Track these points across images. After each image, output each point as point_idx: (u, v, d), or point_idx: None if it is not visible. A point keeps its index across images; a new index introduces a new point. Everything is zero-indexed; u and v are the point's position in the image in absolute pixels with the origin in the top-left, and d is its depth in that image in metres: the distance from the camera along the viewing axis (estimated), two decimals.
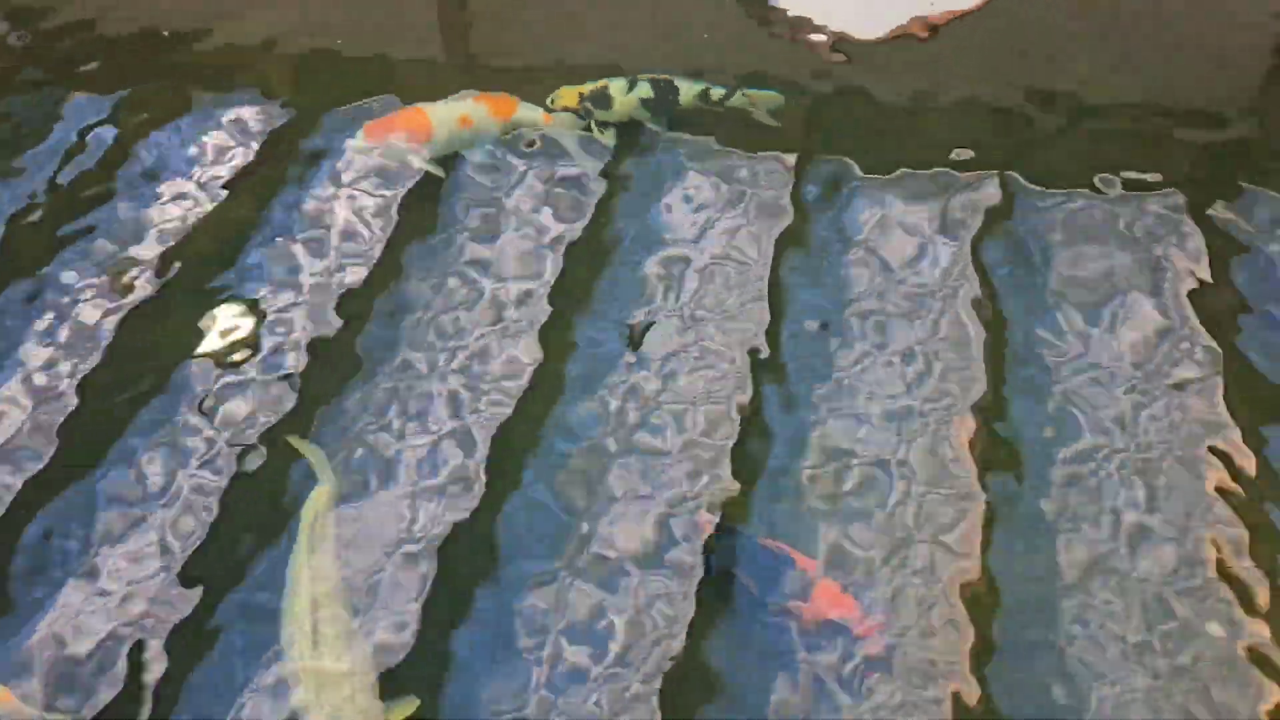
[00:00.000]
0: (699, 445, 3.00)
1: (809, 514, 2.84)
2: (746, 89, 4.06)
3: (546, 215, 3.70)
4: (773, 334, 3.28)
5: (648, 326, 3.30)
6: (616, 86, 4.01)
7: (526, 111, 4.01)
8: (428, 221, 3.71)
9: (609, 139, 3.96)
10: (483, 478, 2.95)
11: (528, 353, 3.26)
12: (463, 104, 4.01)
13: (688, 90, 4.03)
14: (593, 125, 3.98)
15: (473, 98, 4.04)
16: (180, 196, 3.84)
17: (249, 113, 4.16)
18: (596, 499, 2.89)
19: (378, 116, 3.99)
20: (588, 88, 4.01)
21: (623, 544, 2.79)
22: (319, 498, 2.82)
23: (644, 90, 4.01)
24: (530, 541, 2.83)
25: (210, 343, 3.35)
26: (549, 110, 4.00)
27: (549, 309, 3.39)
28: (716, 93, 4.04)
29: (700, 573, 2.72)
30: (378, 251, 3.61)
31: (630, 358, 3.23)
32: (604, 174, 3.84)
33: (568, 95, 4.02)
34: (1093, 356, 3.15)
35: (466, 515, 2.87)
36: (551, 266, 3.52)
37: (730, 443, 3.00)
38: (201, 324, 3.40)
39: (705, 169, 3.84)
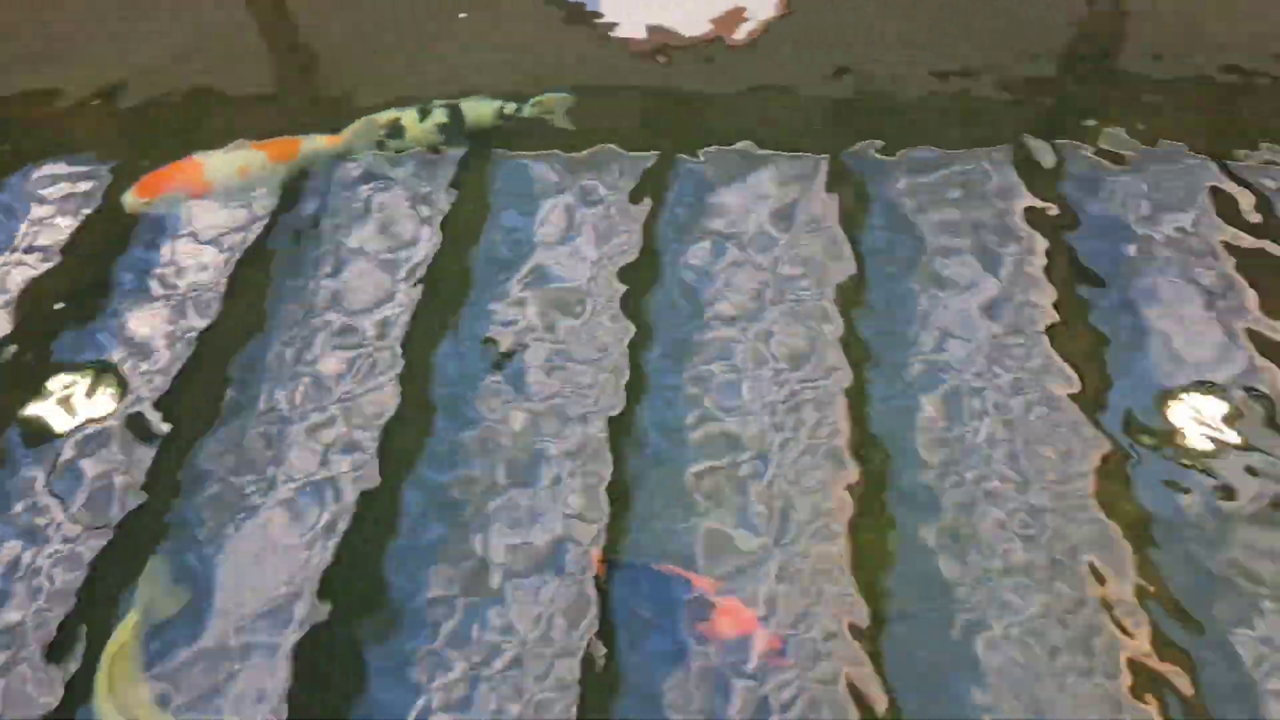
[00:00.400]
0: (579, 462, 2.95)
1: (694, 515, 2.82)
2: (537, 97, 3.99)
3: (396, 243, 3.59)
4: (641, 333, 3.26)
5: (514, 351, 3.23)
6: (408, 116, 3.87)
7: (311, 145, 3.84)
8: (274, 267, 3.55)
9: (408, 171, 3.80)
10: (358, 519, 2.86)
11: (392, 386, 3.17)
12: (241, 152, 3.82)
13: (480, 110, 3.93)
14: (388, 154, 3.84)
15: (252, 144, 3.85)
16: (10, 266, 3.59)
17: (75, 171, 3.91)
18: (479, 531, 2.82)
19: (156, 170, 3.79)
20: (383, 119, 3.86)
21: (511, 576, 2.73)
22: (126, 628, 2.61)
23: (437, 116, 3.88)
24: (416, 581, 2.74)
25: (52, 414, 3.14)
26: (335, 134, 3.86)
27: (409, 338, 3.29)
28: (509, 107, 3.95)
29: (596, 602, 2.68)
30: (222, 303, 3.44)
31: (498, 379, 3.16)
32: (447, 195, 3.75)
33: (363, 132, 3.86)
34: (956, 316, 3.25)
35: (347, 557, 2.78)
36: (407, 295, 3.41)
37: (609, 452, 2.96)
38: (42, 396, 3.19)
39: (549, 179, 3.78)
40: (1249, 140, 3.79)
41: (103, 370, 3.25)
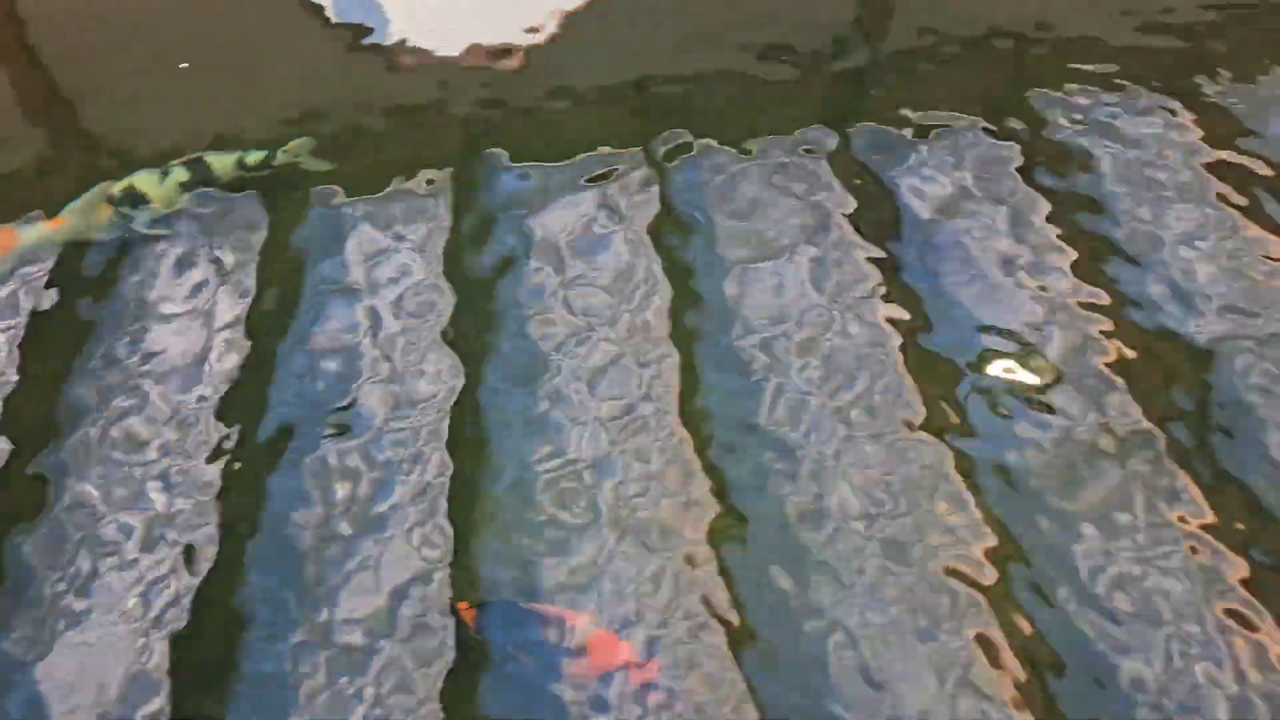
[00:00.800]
0: (423, 506, 2.80)
1: (549, 532, 2.74)
2: (284, 145, 3.74)
3: (209, 303, 3.34)
4: (476, 364, 3.13)
5: (349, 397, 3.05)
6: (146, 180, 3.56)
7: (31, 232, 3.47)
8: (72, 342, 3.24)
9: (160, 231, 3.49)
10: (192, 597, 2.65)
11: (220, 444, 2.96)
12: None
13: (223, 163, 3.65)
14: (136, 226, 3.49)
15: None
16: None
17: None
18: (327, 585, 2.65)
19: None
20: (116, 190, 3.51)
21: (365, 630, 2.58)
22: None
23: (178, 175, 3.57)
24: (266, 642, 2.57)
25: None
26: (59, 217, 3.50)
27: (234, 396, 3.08)
28: (254, 157, 3.69)
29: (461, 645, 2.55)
30: (22, 385, 3.14)
31: (334, 430, 2.97)
32: (253, 252, 3.49)
33: (92, 208, 3.51)
34: (781, 304, 3.26)
35: (188, 635, 2.59)
36: (228, 360, 3.16)
37: (449, 486, 2.83)
38: None
39: (359, 212, 3.60)
40: (1021, 97, 4.02)
41: None
